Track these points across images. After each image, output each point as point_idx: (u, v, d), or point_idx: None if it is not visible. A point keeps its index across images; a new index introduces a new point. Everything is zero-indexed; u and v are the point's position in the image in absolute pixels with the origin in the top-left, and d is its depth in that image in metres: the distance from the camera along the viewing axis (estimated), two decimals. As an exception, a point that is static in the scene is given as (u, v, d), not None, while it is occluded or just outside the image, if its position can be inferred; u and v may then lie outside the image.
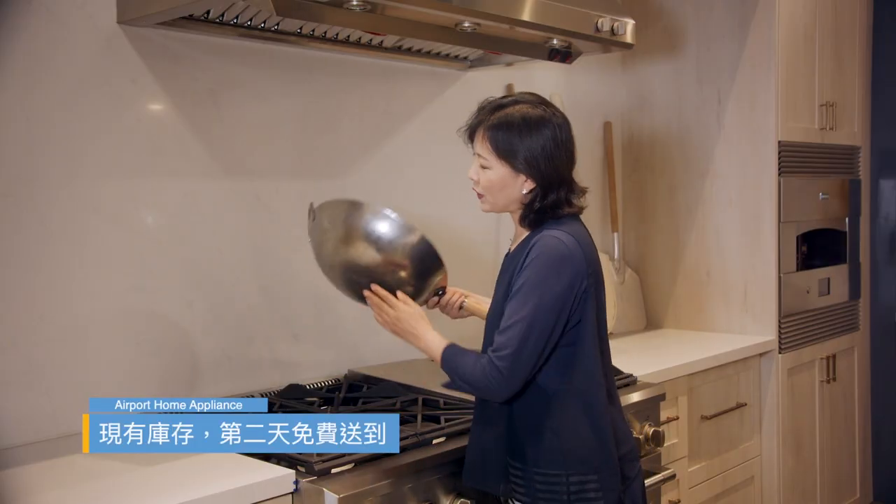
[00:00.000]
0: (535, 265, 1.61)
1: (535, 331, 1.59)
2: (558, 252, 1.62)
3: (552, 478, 1.64)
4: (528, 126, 1.64)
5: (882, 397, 3.77)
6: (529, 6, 2.05)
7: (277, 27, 2.16)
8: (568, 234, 1.65)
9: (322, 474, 1.62)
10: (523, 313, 1.59)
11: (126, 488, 1.55)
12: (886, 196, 3.80)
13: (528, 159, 1.64)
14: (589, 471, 1.64)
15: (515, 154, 1.64)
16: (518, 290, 1.61)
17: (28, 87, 1.84)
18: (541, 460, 1.65)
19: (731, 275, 3.21)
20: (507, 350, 1.58)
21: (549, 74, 3.11)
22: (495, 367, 1.59)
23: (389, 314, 1.76)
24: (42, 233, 1.86)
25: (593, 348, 1.67)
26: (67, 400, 1.90)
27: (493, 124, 1.66)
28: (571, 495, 1.63)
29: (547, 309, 1.59)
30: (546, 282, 1.60)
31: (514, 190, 1.68)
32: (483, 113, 1.69)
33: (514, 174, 1.66)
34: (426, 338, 1.71)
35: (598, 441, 1.66)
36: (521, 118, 1.64)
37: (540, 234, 1.65)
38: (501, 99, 1.70)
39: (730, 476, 2.94)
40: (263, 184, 2.27)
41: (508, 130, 1.64)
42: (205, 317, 2.15)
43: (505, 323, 1.61)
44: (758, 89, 3.11)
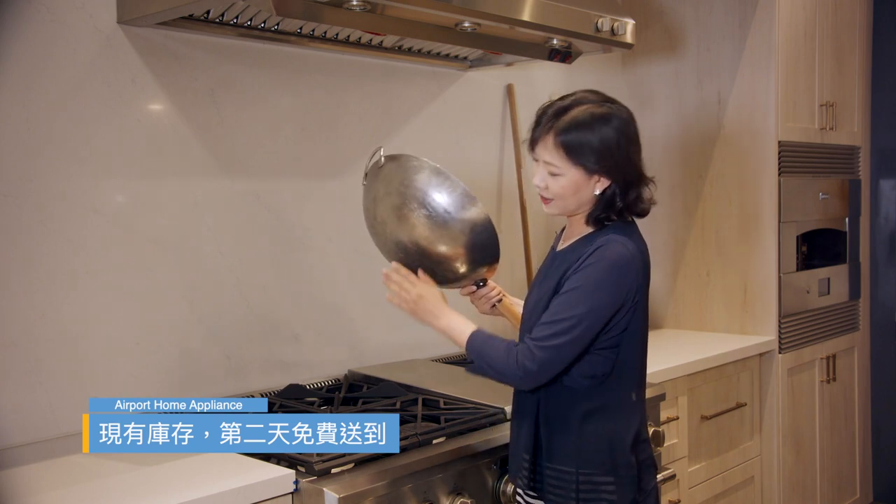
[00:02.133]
0: (596, 269, 1.59)
1: (580, 332, 1.58)
2: (623, 260, 1.60)
3: (563, 474, 1.64)
4: (598, 125, 1.60)
5: (882, 397, 3.77)
6: (529, 6, 2.05)
7: (277, 27, 2.16)
8: (633, 243, 1.63)
9: (322, 474, 1.62)
10: (574, 312, 1.57)
11: (126, 488, 1.55)
12: (886, 196, 3.80)
13: (601, 159, 1.60)
14: (605, 472, 1.63)
15: (588, 156, 1.60)
16: (573, 289, 1.59)
17: (28, 87, 1.84)
18: (554, 456, 1.65)
19: (731, 275, 3.21)
20: (549, 343, 1.57)
21: (549, 74, 3.11)
22: (532, 357, 1.57)
23: (410, 292, 1.74)
24: (42, 233, 1.86)
25: (633, 355, 1.67)
26: (67, 400, 1.90)
27: (562, 129, 1.61)
28: (581, 493, 1.63)
29: (597, 315, 1.59)
30: (604, 288, 1.59)
31: (587, 192, 1.65)
32: (547, 119, 1.64)
33: (587, 177, 1.62)
34: (449, 319, 1.70)
35: (617, 444, 1.65)
36: (590, 118, 1.60)
37: (606, 237, 1.63)
38: (561, 101, 1.65)
39: (730, 476, 2.94)
40: (263, 184, 2.27)
41: (578, 134, 1.60)
42: (205, 317, 2.15)
43: (552, 317, 1.59)
44: (758, 89, 3.11)
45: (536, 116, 1.68)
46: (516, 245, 2.97)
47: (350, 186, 2.48)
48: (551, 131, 1.62)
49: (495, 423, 1.99)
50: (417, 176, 1.74)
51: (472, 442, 1.84)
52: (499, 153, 2.93)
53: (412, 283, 1.75)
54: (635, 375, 1.70)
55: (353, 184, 2.48)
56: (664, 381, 2.52)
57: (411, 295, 1.74)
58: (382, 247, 1.85)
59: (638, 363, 1.70)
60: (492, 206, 2.91)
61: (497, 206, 2.93)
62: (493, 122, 2.91)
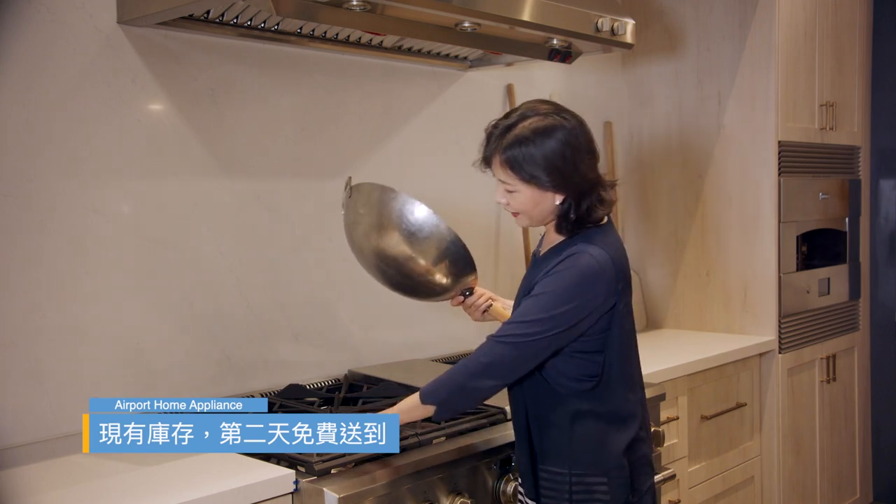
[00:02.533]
0: (562, 276, 1.60)
1: (539, 337, 1.59)
2: (591, 271, 1.60)
3: (555, 475, 1.65)
4: (542, 139, 1.59)
5: (882, 397, 3.77)
6: (529, 6, 2.05)
7: (277, 27, 2.16)
8: (602, 251, 1.62)
9: (322, 474, 1.62)
10: (536, 316, 1.59)
11: (126, 488, 1.55)
12: (886, 196, 3.80)
13: (551, 174, 1.60)
14: (596, 472, 1.63)
15: (537, 172, 1.60)
16: (539, 294, 1.61)
17: (28, 87, 1.84)
18: (547, 458, 1.66)
19: (731, 275, 3.21)
20: (506, 340, 1.60)
21: (549, 74, 3.11)
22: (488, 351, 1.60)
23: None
24: (42, 233, 1.86)
25: (618, 355, 1.67)
26: (67, 400, 1.90)
27: (507, 147, 1.61)
28: (574, 494, 1.63)
29: (557, 322, 1.59)
30: (567, 296, 1.59)
31: (546, 204, 1.65)
32: (494, 139, 1.64)
33: (541, 191, 1.63)
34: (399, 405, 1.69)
35: (608, 444, 1.65)
36: (533, 133, 1.59)
37: (576, 246, 1.63)
38: (507, 119, 1.64)
39: (730, 476, 2.94)
40: (263, 184, 2.27)
41: (523, 150, 1.59)
42: (205, 317, 2.15)
43: (516, 318, 1.62)
44: (758, 89, 3.11)
45: (485, 135, 1.67)
46: (516, 245, 2.97)
47: (350, 186, 2.48)
48: (497, 151, 1.63)
49: (495, 423, 1.99)
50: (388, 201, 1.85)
51: (472, 442, 1.84)
52: (499, 153, 2.93)
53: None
54: (625, 376, 1.69)
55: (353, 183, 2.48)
56: (664, 381, 2.52)
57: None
58: (368, 270, 1.94)
59: (627, 364, 1.70)
60: (491, 206, 2.91)
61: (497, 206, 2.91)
62: (493, 122, 2.91)
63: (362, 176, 2.52)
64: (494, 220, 2.91)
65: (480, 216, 2.87)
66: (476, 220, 2.86)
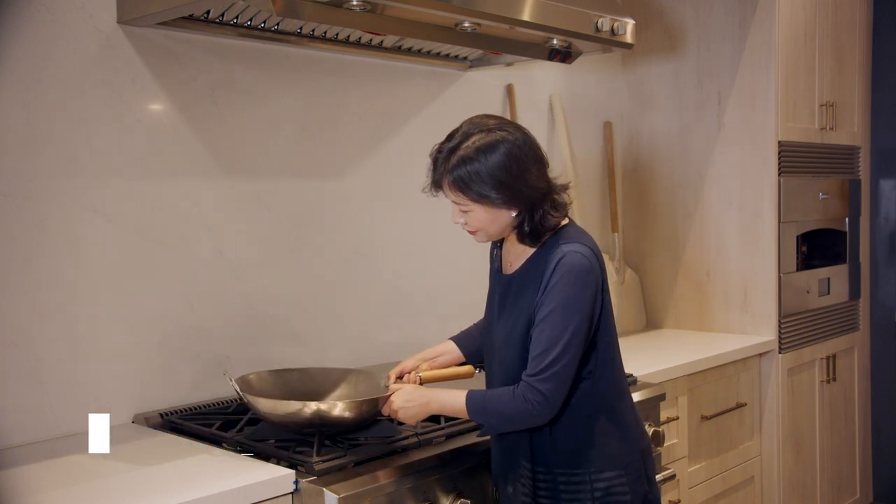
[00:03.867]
0: (563, 285, 1.60)
1: (573, 350, 1.60)
2: (584, 268, 1.62)
3: (575, 477, 1.65)
4: (486, 156, 1.58)
5: (882, 397, 3.77)
6: (529, 6, 2.05)
7: (277, 27, 2.16)
8: (584, 246, 1.64)
9: (322, 474, 1.62)
10: (560, 337, 1.59)
11: (126, 488, 1.55)
12: (886, 196, 3.80)
13: (499, 190, 1.60)
14: (615, 467, 1.66)
15: (485, 190, 1.60)
16: (550, 313, 1.60)
17: (28, 87, 1.84)
18: (564, 461, 1.66)
19: (731, 275, 3.21)
20: (547, 373, 1.59)
21: (549, 74, 3.11)
22: (537, 392, 1.59)
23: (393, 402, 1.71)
24: (42, 232, 1.86)
25: (611, 349, 1.70)
26: (67, 400, 1.90)
27: (453, 169, 1.60)
28: (595, 492, 1.64)
29: (581, 330, 1.61)
30: (577, 301, 1.61)
31: (503, 219, 1.66)
32: (441, 163, 1.64)
33: (494, 208, 1.63)
34: (442, 399, 1.69)
35: (621, 438, 1.69)
36: (476, 151, 1.59)
37: (558, 250, 1.63)
38: (451, 141, 1.64)
39: (730, 476, 2.94)
40: (263, 184, 2.27)
41: (469, 170, 1.59)
42: (205, 317, 2.15)
43: (540, 348, 1.60)
44: (758, 89, 3.11)
45: (431, 160, 1.67)
46: (516, 245, 2.97)
47: (350, 186, 2.48)
48: (444, 173, 1.63)
49: (495, 423, 1.99)
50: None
51: (472, 442, 1.84)
52: (499, 153, 2.93)
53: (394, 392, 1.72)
54: (617, 366, 1.74)
55: (353, 184, 2.49)
56: (664, 381, 2.52)
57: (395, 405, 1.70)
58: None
59: (617, 353, 1.74)
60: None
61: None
62: (493, 122, 2.91)
63: (362, 175, 2.52)
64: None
65: (480, 216, 2.87)
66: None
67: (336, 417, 1.71)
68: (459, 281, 2.75)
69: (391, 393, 1.72)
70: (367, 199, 2.52)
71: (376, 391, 1.90)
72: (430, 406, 1.69)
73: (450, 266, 2.77)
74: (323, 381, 1.99)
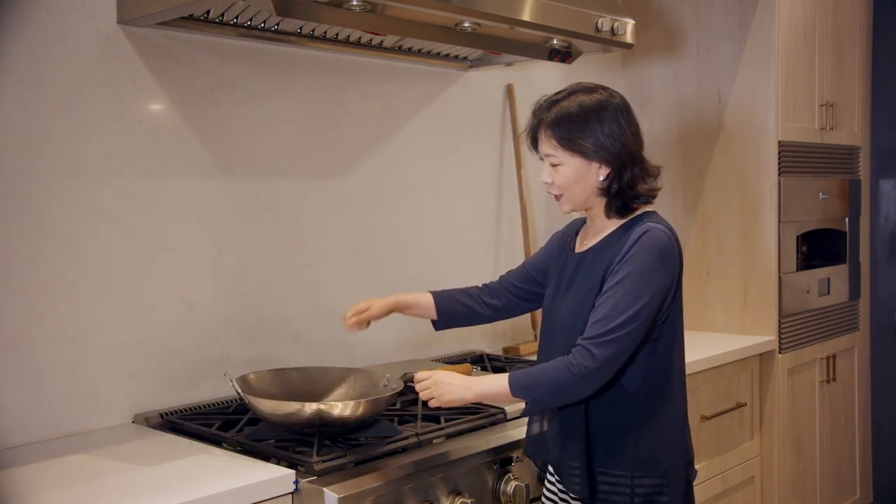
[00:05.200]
0: (643, 256, 1.58)
1: (638, 322, 1.56)
2: (665, 245, 1.61)
3: (617, 478, 1.63)
4: (588, 112, 1.63)
5: (882, 397, 3.77)
6: (529, 6, 2.05)
7: (277, 27, 2.16)
8: (669, 229, 1.65)
9: (322, 474, 1.62)
10: (630, 303, 1.56)
11: (126, 488, 1.55)
12: (886, 196, 3.80)
13: (595, 143, 1.62)
14: (658, 474, 1.63)
15: (582, 142, 1.62)
16: (623, 280, 1.58)
17: (28, 87, 1.84)
18: (609, 461, 1.63)
19: (731, 275, 3.21)
20: (608, 338, 1.54)
21: (549, 74, 3.11)
22: (590, 356, 1.54)
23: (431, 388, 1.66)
24: (42, 232, 1.86)
25: (676, 347, 1.67)
26: (67, 400, 1.90)
27: (553, 120, 1.64)
28: (636, 497, 1.61)
29: (652, 303, 1.58)
30: (653, 275, 1.58)
31: (590, 179, 1.66)
32: (540, 112, 1.68)
33: (586, 163, 1.64)
34: (484, 382, 1.64)
35: (673, 444, 1.66)
36: (579, 107, 1.63)
37: (644, 225, 1.63)
38: (555, 95, 1.69)
39: (730, 476, 2.94)
40: (263, 184, 2.27)
41: (569, 122, 1.63)
42: (205, 317, 2.15)
43: (605, 312, 1.56)
44: (758, 89, 3.11)
45: (532, 113, 1.71)
46: (516, 245, 2.97)
47: (350, 186, 2.48)
48: (543, 123, 1.66)
49: (495, 423, 1.99)
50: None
51: (472, 442, 1.85)
52: (499, 153, 2.93)
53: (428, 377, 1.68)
54: (683, 369, 1.70)
55: (353, 184, 2.49)
56: (664, 381, 2.52)
57: (433, 388, 1.66)
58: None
59: (680, 355, 1.70)
60: (492, 206, 2.92)
61: (497, 206, 2.93)
62: (493, 122, 2.91)
63: (362, 176, 2.52)
64: (495, 220, 2.91)
65: (481, 216, 2.87)
66: (476, 220, 2.86)
67: (336, 417, 1.71)
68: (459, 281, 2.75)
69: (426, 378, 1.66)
70: (367, 199, 2.52)
71: (376, 391, 1.90)
72: (472, 389, 1.63)
73: (450, 266, 2.77)
74: (323, 381, 1.99)
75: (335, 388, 1.99)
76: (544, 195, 3.03)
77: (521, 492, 1.82)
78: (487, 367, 2.55)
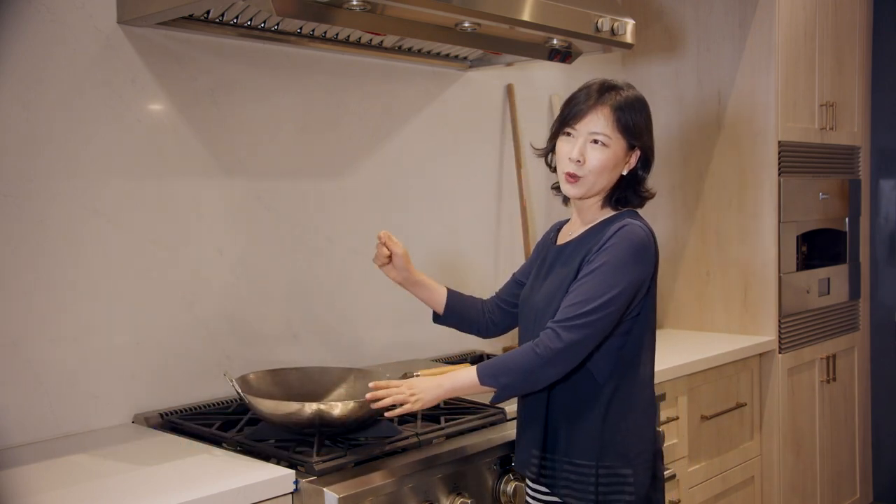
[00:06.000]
0: (620, 248, 1.63)
1: (609, 312, 1.59)
2: (642, 241, 1.65)
3: (581, 468, 1.65)
4: (641, 105, 1.71)
5: (882, 397, 3.77)
6: (529, 6, 2.05)
7: (277, 27, 2.16)
8: (650, 229, 1.70)
9: (322, 474, 1.62)
10: (602, 291, 1.59)
11: (126, 488, 1.55)
12: (886, 196, 3.80)
13: (641, 137, 1.70)
14: (624, 464, 1.65)
15: (634, 131, 1.69)
16: (597, 268, 1.62)
17: (28, 87, 1.84)
18: (573, 449, 1.66)
19: (731, 275, 3.21)
20: (577, 322, 1.57)
21: (549, 74, 3.11)
22: (557, 338, 1.57)
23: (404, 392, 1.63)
24: (42, 233, 1.86)
25: (647, 342, 1.71)
26: (67, 400, 1.90)
27: (621, 104, 1.68)
28: (601, 486, 1.63)
29: (624, 294, 1.62)
30: (627, 267, 1.62)
31: (618, 169, 1.71)
32: (597, 93, 1.69)
33: (626, 151, 1.70)
34: (451, 379, 1.65)
35: (638, 435, 1.68)
36: (636, 99, 1.71)
37: (624, 220, 1.68)
38: (608, 81, 1.73)
39: (730, 476, 2.94)
40: (263, 184, 2.27)
41: (633, 110, 1.69)
42: (205, 317, 2.15)
43: (577, 297, 1.60)
44: (758, 89, 3.11)
45: (580, 93, 1.72)
46: (516, 245, 2.97)
47: (350, 186, 2.48)
48: (605, 104, 1.68)
49: (495, 423, 1.99)
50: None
51: (472, 442, 1.85)
52: (499, 153, 2.94)
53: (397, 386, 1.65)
54: (651, 363, 1.73)
55: (353, 184, 2.49)
56: (664, 381, 2.52)
57: (406, 394, 1.63)
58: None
59: (651, 350, 1.73)
60: (491, 207, 2.92)
61: (497, 207, 2.93)
62: (493, 122, 2.91)
63: (362, 176, 2.52)
64: (495, 220, 2.91)
65: (480, 214, 2.87)
66: (477, 219, 2.86)
67: (336, 417, 1.71)
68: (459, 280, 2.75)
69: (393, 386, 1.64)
70: (367, 199, 2.52)
71: None
72: (443, 386, 1.63)
73: (450, 265, 2.77)
74: (323, 381, 1.99)
75: (335, 388, 1.99)
76: (544, 195, 3.03)
77: (522, 492, 1.82)
78: (487, 367, 2.55)
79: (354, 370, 2.03)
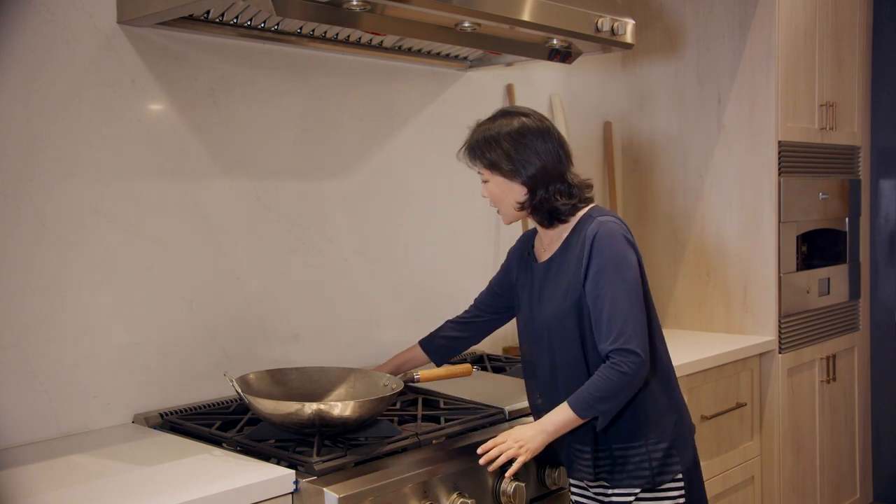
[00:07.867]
0: (606, 247, 1.70)
1: (637, 303, 1.69)
2: (621, 233, 1.72)
3: (632, 449, 1.73)
4: (503, 133, 1.75)
5: (882, 397, 3.77)
6: (529, 6, 2.05)
7: (277, 27, 2.16)
8: (620, 221, 1.75)
9: (322, 474, 1.62)
10: (619, 292, 1.68)
11: (126, 488, 1.55)
12: (886, 196, 3.80)
13: (510, 165, 1.74)
14: (666, 438, 1.74)
15: (495, 158, 1.75)
16: (601, 277, 1.69)
17: (28, 87, 1.84)
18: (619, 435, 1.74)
19: (731, 275, 3.21)
20: (626, 334, 1.66)
21: (549, 74, 3.11)
22: (629, 353, 1.66)
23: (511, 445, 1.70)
24: (42, 232, 1.86)
25: (653, 313, 1.78)
26: (67, 400, 1.90)
27: (476, 142, 1.78)
28: (653, 461, 1.72)
29: (637, 283, 1.70)
30: (625, 258, 1.70)
31: (514, 195, 1.78)
32: (470, 135, 1.81)
33: (508, 182, 1.76)
34: (551, 419, 1.71)
35: (671, 405, 1.78)
36: (497, 129, 1.76)
37: (594, 223, 1.73)
38: (484, 119, 1.82)
39: (730, 476, 2.94)
40: (263, 184, 2.27)
41: (486, 142, 1.76)
42: (205, 317, 2.15)
43: (606, 311, 1.68)
44: (758, 89, 3.11)
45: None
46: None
47: (350, 186, 2.48)
48: (468, 144, 1.80)
49: (495, 423, 1.99)
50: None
51: (472, 442, 1.84)
52: (499, 153, 2.93)
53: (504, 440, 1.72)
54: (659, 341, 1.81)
55: (353, 183, 2.49)
56: (664, 381, 2.52)
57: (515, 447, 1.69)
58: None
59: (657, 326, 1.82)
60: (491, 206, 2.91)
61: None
62: (493, 122, 2.91)
63: (362, 175, 2.52)
64: (495, 219, 2.91)
65: (481, 216, 2.87)
66: (476, 219, 2.86)
67: (336, 417, 1.71)
68: (459, 280, 2.75)
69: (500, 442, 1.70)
70: (367, 199, 2.52)
71: (376, 391, 1.90)
72: (546, 431, 1.71)
73: (450, 265, 2.77)
74: (323, 381, 1.99)
75: (335, 388, 1.99)
76: (544, 195, 3.03)
77: (521, 492, 1.82)
78: (487, 367, 2.55)
79: (354, 370, 2.04)
